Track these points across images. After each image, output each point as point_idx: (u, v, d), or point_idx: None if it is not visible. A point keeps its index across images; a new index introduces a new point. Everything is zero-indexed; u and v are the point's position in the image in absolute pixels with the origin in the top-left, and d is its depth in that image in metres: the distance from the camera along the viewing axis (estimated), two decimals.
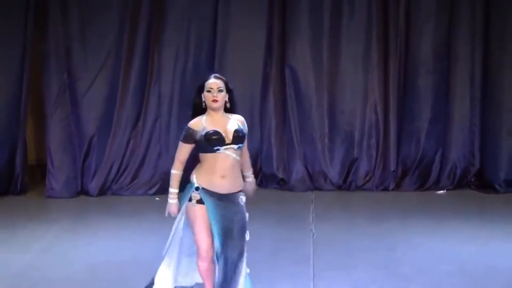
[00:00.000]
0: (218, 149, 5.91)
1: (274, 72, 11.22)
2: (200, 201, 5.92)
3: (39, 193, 10.83)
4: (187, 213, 5.98)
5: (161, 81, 10.91)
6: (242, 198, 6.03)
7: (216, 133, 5.92)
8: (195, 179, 5.94)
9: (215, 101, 6.00)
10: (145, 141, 10.97)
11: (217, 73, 10.85)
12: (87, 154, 10.89)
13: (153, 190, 10.88)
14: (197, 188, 5.92)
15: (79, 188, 10.91)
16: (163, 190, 10.74)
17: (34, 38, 10.69)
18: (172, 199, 6.04)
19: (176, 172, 6.04)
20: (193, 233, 5.98)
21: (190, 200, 5.94)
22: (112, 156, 10.91)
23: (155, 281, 6.19)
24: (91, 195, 10.85)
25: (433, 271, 7.72)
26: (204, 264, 6.01)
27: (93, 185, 10.87)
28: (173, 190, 6.03)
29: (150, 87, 10.94)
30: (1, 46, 10.55)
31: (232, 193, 5.97)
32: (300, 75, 11.15)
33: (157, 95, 10.95)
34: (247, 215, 6.04)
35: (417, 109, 11.22)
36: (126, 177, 10.95)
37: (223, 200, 5.91)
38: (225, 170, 5.93)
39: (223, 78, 6.15)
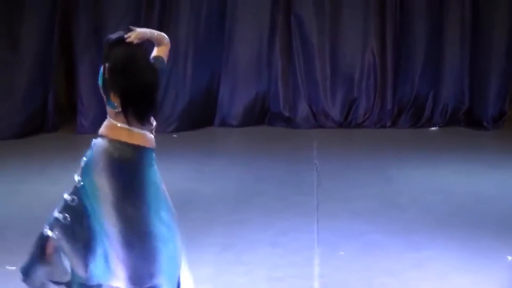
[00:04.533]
0: None
1: (280, 20, 11.22)
2: None
3: (70, 131, 10.87)
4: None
5: (178, 28, 10.94)
6: None
7: None
8: None
9: None
10: (163, 83, 11.03)
11: (227, 22, 11.00)
12: None
13: (170, 128, 10.95)
14: None
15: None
16: (180, 129, 10.93)
17: None
18: None
19: None
20: None
21: None
22: None
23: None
24: None
25: (425, 200, 7.85)
26: None
27: None
28: None
29: (167, 33, 10.91)
30: None
31: None
32: (305, 21, 11.17)
33: (174, 40, 10.97)
34: None
35: (412, 52, 11.22)
36: None
37: None
38: None
39: None
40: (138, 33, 4.83)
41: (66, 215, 4.75)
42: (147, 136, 4.86)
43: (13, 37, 10.50)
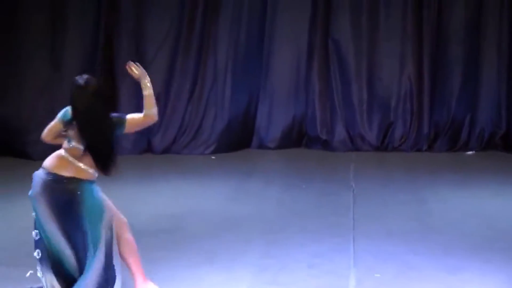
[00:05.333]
0: None
1: (318, 43, 11.26)
2: None
3: None
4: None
5: (217, 51, 11.03)
6: None
7: None
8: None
9: None
10: (202, 105, 11.11)
11: (265, 45, 11.03)
12: None
13: (209, 150, 11.01)
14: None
15: (145, 147, 11.10)
16: (218, 150, 10.97)
17: (107, 10, 10.80)
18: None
19: None
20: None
21: None
22: (173, 118, 11.05)
23: None
24: (155, 153, 11.00)
25: (461, 223, 7.78)
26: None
27: (157, 144, 11.04)
28: None
29: (207, 56, 11.06)
30: (77, 16, 10.63)
31: None
32: (342, 45, 11.19)
33: (214, 62, 11.08)
34: None
35: (449, 76, 11.20)
36: (185, 137, 11.08)
37: None
38: None
39: None
40: (142, 73, 5.44)
41: (38, 250, 5.40)
42: (86, 171, 5.37)
43: (56, 58, 10.61)
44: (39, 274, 5.45)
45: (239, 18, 11.01)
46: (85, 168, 5.36)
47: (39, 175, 5.38)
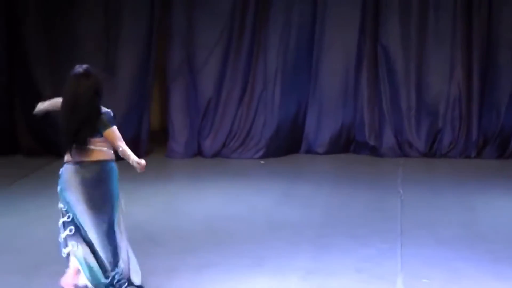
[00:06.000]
0: None
1: (367, 49, 11.24)
2: None
3: (162, 155, 11.07)
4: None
5: (267, 57, 11.08)
6: None
7: None
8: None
9: None
10: (252, 110, 11.16)
11: (314, 51, 11.05)
12: (202, 121, 11.13)
13: (258, 155, 11.05)
14: None
15: (196, 151, 11.17)
16: (267, 155, 11.00)
17: (160, 16, 10.92)
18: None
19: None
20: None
21: None
22: (223, 123, 11.11)
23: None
24: (205, 157, 11.07)
25: (509, 231, 7.69)
26: None
27: (207, 148, 11.10)
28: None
29: (257, 62, 11.11)
30: (131, 22, 10.76)
31: None
32: (391, 50, 11.15)
33: (263, 68, 11.12)
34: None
35: (498, 82, 11.08)
36: (235, 142, 11.13)
37: None
38: None
39: None
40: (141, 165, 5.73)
41: (70, 227, 5.80)
42: (101, 151, 5.81)
43: (111, 63, 10.75)
44: (70, 249, 5.78)
45: (288, 24, 11.04)
46: (99, 149, 5.76)
47: (66, 168, 5.81)
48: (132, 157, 5.76)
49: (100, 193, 5.77)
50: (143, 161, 5.75)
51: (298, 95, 11.26)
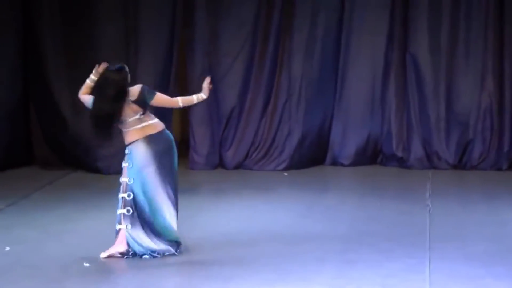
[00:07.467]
0: None
1: (395, 58, 11.12)
2: None
3: (183, 167, 11.03)
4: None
5: (291, 66, 11.00)
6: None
7: None
8: None
9: None
10: (276, 120, 11.07)
11: (340, 60, 11.04)
12: (224, 132, 11.08)
13: (282, 166, 10.96)
14: None
15: (217, 162, 11.10)
16: (291, 167, 10.91)
17: (181, 25, 10.90)
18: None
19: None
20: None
21: None
22: (246, 133, 11.05)
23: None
24: (227, 168, 11.02)
25: None
26: None
27: (229, 159, 11.04)
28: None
29: (281, 71, 11.05)
30: (152, 31, 10.75)
31: None
32: (420, 60, 11.02)
33: (288, 78, 11.05)
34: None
35: None
36: (258, 153, 11.05)
37: None
38: None
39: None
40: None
41: (128, 208, 6.66)
42: (154, 124, 6.81)
43: (131, 74, 10.60)
44: (123, 226, 6.67)
45: (314, 32, 10.95)
46: (152, 122, 6.72)
47: (137, 146, 6.67)
48: (195, 96, 6.89)
49: (168, 162, 6.78)
50: (205, 85, 6.91)
51: (323, 104, 11.15)
